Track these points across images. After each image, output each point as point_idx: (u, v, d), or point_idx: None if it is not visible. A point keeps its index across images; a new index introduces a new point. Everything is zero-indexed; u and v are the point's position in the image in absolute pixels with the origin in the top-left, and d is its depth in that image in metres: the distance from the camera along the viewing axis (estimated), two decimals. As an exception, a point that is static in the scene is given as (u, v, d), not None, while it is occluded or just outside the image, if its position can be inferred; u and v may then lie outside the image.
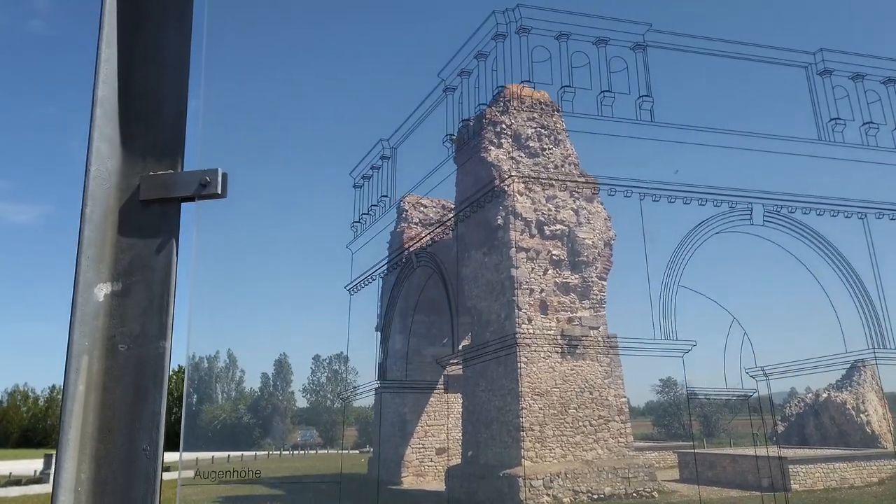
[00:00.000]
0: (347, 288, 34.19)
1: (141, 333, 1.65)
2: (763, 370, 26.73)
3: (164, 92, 1.80)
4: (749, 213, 25.83)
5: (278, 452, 62.89)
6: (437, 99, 29.44)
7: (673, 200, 24.98)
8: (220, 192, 1.71)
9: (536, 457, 23.17)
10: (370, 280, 34.07)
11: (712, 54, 26.97)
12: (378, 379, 32.78)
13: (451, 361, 28.04)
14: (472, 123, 28.08)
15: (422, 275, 31.59)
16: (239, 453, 55.68)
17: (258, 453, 59.89)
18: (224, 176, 1.73)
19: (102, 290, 1.67)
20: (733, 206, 25.69)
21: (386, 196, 34.40)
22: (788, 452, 27.49)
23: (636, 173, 25.34)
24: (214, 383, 79.11)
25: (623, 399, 24.95)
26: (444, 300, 29.44)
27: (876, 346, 25.57)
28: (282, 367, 78.77)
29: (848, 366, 30.94)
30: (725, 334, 25.33)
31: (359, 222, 35.64)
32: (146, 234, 1.70)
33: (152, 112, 1.79)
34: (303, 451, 64.35)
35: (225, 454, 53.76)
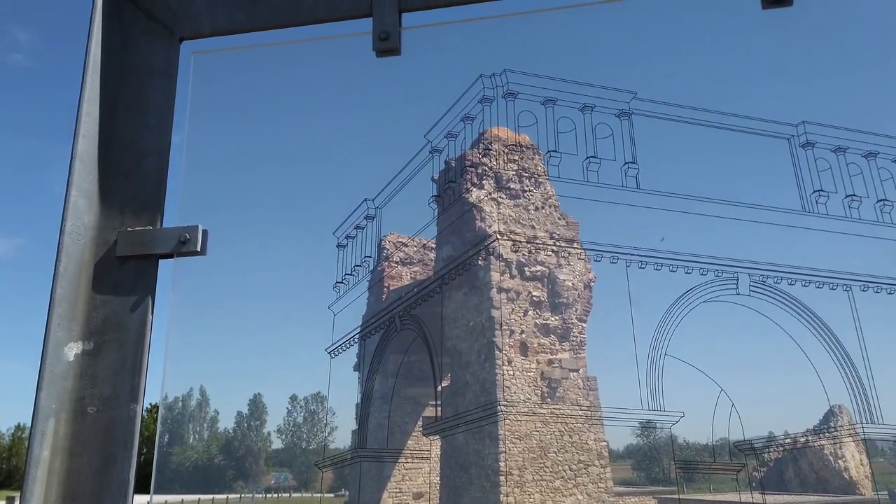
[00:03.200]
0: (328, 351, 33.80)
1: (112, 395, 1.59)
2: (751, 443, 26.69)
3: (146, 146, 1.77)
4: (735, 282, 25.76)
5: (251, 495, 61.16)
6: (424, 160, 29.70)
7: (659, 268, 25.04)
8: (199, 249, 1.68)
9: (515, 502, 22.78)
10: (352, 343, 33.71)
11: (697, 123, 27.46)
12: (357, 447, 32.13)
13: (433, 430, 27.62)
14: (453, 164, 28.37)
15: (406, 337, 31.32)
16: (210, 496, 54.04)
17: (230, 496, 58.19)
18: (204, 233, 1.69)
19: (73, 350, 1.61)
20: (719, 275, 25.66)
21: (370, 257, 34.29)
22: (769, 498, 27.35)
23: (622, 240, 25.36)
24: (187, 423, 77.15)
25: (603, 443, 24.74)
26: (424, 343, 29.21)
27: (864, 421, 25.44)
28: (256, 407, 77.18)
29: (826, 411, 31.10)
30: (713, 405, 25.16)
31: (341, 283, 35.31)
32: (121, 291, 1.66)
33: (133, 166, 1.76)
34: (276, 495, 62.65)
35: (195, 497, 52.17)
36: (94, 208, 1.71)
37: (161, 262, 1.72)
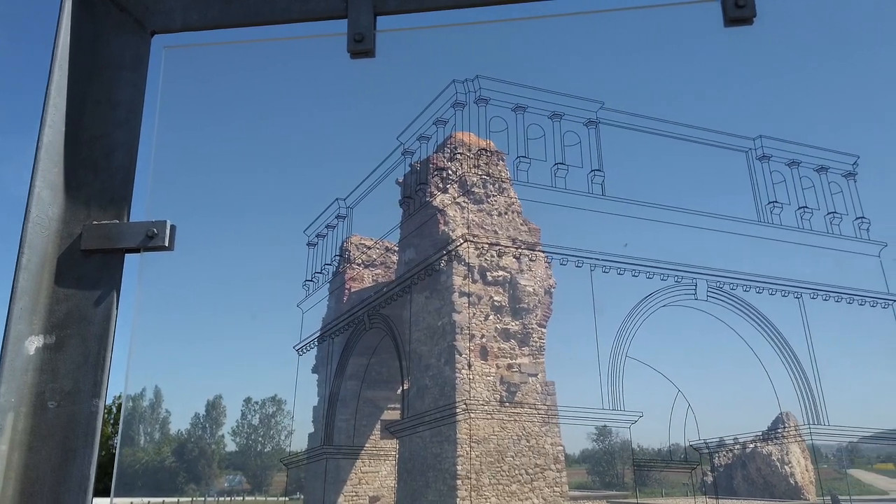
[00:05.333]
0: (296, 348, 33.51)
1: (73, 390, 1.57)
2: (706, 443, 27.38)
3: (115, 140, 1.75)
4: (694, 288, 26.52)
5: (202, 499, 59.92)
6: (396, 161, 29.75)
7: (622, 272, 25.58)
8: (167, 244, 1.67)
9: (472, 506, 22.84)
10: (320, 341, 33.46)
11: (661, 134, 28.20)
12: (323, 444, 31.74)
13: (393, 431, 27.54)
14: (419, 168, 28.38)
15: (368, 340, 31.15)
16: (160, 499, 52.80)
17: (181, 499, 56.91)
18: (172, 228, 1.69)
19: (34, 343, 1.59)
20: (679, 280, 26.35)
21: (340, 256, 34.13)
22: (720, 503, 28.05)
23: (587, 244, 25.89)
24: (137, 424, 75.14)
25: (560, 447, 25.01)
26: (389, 343, 29.11)
27: (811, 423, 26.39)
28: (213, 408, 75.61)
29: (773, 418, 32.03)
30: (670, 406, 25.78)
31: (311, 281, 35.07)
32: (85, 285, 1.64)
33: (101, 159, 1.74)
34: (229, 498, 61.51)
35: (145, 499, 50.92)
36: (60, 200, 1.69)
37: (127, 257, 1.70)
